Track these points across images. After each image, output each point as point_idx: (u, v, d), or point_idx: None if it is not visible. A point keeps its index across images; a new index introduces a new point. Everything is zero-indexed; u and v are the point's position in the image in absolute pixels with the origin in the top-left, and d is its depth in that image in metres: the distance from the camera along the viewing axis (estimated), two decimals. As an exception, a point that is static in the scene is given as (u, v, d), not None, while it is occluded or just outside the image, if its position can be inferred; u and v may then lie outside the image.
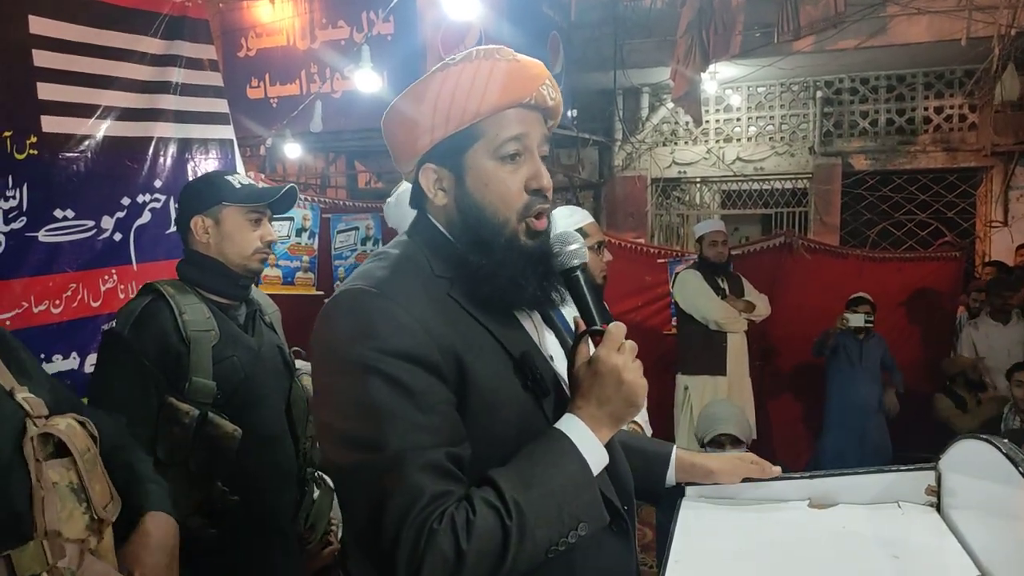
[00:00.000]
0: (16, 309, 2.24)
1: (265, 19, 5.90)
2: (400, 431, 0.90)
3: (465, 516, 0.88)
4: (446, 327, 0.96)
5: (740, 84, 7.38)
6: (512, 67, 1.02)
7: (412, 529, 0.86)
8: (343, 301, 0.98)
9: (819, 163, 7.36)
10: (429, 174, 1.05)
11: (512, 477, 0.93)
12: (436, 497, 0.88)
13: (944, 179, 7.17)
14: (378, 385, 0.90)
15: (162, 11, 2.71)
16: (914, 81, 7.14)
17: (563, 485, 0.94)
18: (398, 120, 1.06)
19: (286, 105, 5.67)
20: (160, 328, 1.69)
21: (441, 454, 0.91)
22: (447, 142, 1.02)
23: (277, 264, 4.08)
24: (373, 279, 0.99)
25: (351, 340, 0.93)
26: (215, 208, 1.81)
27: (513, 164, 1.02)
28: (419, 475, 0.88)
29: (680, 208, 8.12)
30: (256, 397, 1.80)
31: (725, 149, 7.65)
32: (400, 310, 0.94)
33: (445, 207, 1.05)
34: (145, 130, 2.66)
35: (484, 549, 0.87)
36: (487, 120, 1.01)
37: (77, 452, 1.18)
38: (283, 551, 1.90)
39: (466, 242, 1.03)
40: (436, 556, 0.86)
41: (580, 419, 0.98)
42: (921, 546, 1.23)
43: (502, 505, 0.90)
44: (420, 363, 0.92)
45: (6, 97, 2.22)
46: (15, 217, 2.24)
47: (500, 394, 0.98)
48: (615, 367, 0.98)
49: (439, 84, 1.02)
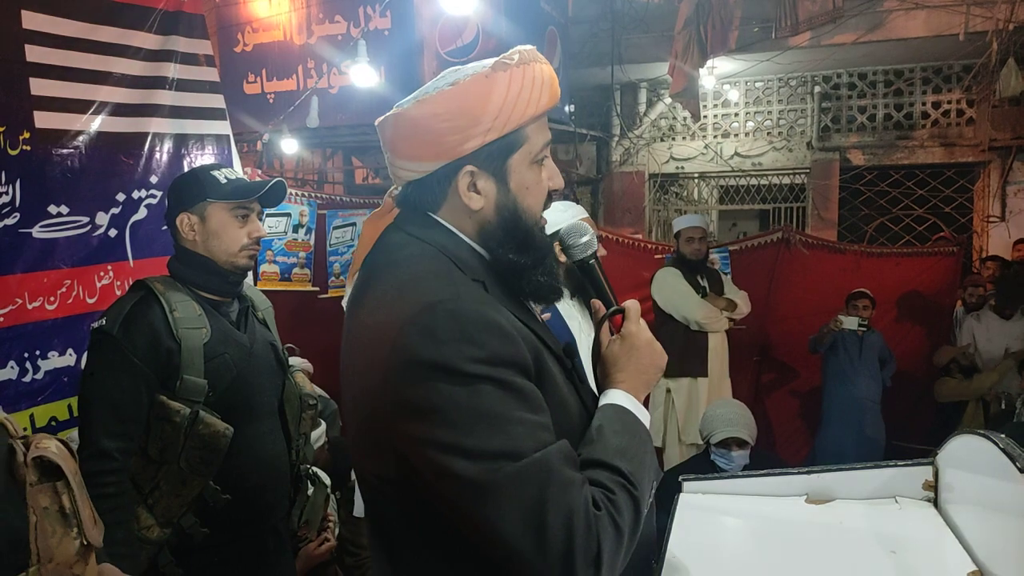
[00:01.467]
0: (10, 306, 2.23)
1: (262, 14, 5.88)
2: (531, 434, 0.90)
3: (605, 496, 0.93)
4: (519, 327, 0.96)
5: (738, 79, 7.37)
6: (550, 71, 1.03)
7: (582, 519, 0.88)
8: (441, 316, 0.91)
9: (817, 158, 7.35)
10: (466, 177, 1.01)
11: (611, 451, 0.97)
12: (583, 483, 0.91)
13: (942, 174, 7.16)
14: (490, 392, 0.89)
15: (157, 6, 2.68)
16: (912, 76, 7.13)
17: (648, 452, 1.02)
18: (446, 117, 0.99)
19: (283, 100, 5.65)
20: (150, 326, 1.67)
21: (565, 444, 0.93)
22: (496, 145, 1.00)
23: (274, 260, 4.06)
24: (448, 293, 0.94)
25: (456, 352, 0.89)
26: (200, 205, 1.78)
27: (540, 167, 1.06)
28: (567, 470, 0.90)
29: (678, 203, 8.11)
30: (248, 395, 1.78)
31: (723, 144, 7.63)
32: (499, 317, 0.93)
33: (480, 210, 1.02)
34: (140, 126, 2.65)
35: (630, 521, 0.94)
36: (531, 125, 1.02)
37: (71, 475, 1.16)
38: (276, 549, 1.89)
39: (504, 243, 1.02)
40: (608, 538, 0.90)
41: (625, 392, 1.06)
42: (918, 540, 1.22)
43: (624, 479, 0.95)
44: (518, 366, 0.93)
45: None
46: (8, 213, 2.22)
47: (562, 385, 1.03)
48: (647, 339, 1.07)
49: (504, 84, 0.98)
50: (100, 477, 1.59)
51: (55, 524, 1.13)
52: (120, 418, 1.64)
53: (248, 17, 5.90)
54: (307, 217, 4.22)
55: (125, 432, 1.65)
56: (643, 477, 0.97)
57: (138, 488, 1.67)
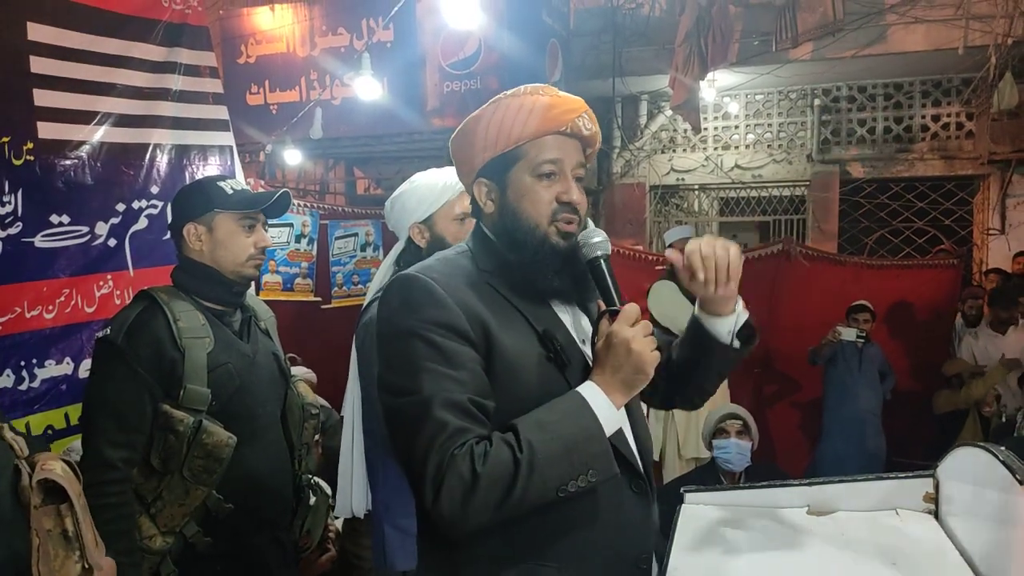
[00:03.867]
0: (9, 314, 2.24)
1: (265, 26, 5.92)
2: (431, 380, 1.09)
3: (484, 448, 1.06)
4: (478, 304, 1.16)
5: (738, 92, 7.40)
6: (552, 101, 1.21)
7: (437, 454, 1.06)
8: (395, 283, 1.19)
9: (817, 171, 7.37)
10: (481, 187, 1.26)
11: (529, 423, 1.10)
12: (458, 430, 1.07)
13: (941, 187, 7.18)
14: (418, 346, 1.11)
15: (161, 18, 2.71)
16: (911, 89, 7.16)
17: (573, 434, 1.10)
18: (460, 141, 1.28)
19: (286, 112, 5.68)
20: (154, 335, 1.68)
21: (465, 398, 1.09)
22: (496, 161, 1.22)
23: (277, 270, 4.07)
24: (421, 267, 1.21)
25: (400, 312, 1.15)
26: (208, 215, 1.80)
27: (548, 181, 1.21)
28: (444, 412, 1.07)
29: (679, 215, 8.13)
30: (251, 404, 1.79)
31: (723, 156, 7.66)
32: (434, 286, 1.15)
33: (492, 214, 1.25)
34: (142, 136, 2.66)
35: (496, 475, 1.05)
36: (528, 144, 1.20)
37: (75, 497, 1.16)
38: (279, 559, 1.89)
39: (505, 242, 1.22)
40: (454, 476, 1.05)
41: (595, 384, 1.15)
42: (919, 553, 1.23)
43: (516, 442, 1.07)
44: (452, 330, 1.12)
45: (3, 104, 2.22)
46: (11, 223, 2.24)
47: (523, 360, 1.16)
48: (625, 339, 1.13)
49: (491, 113, 1.22)
50: (103, 487, 1.59)
51: (57, 547, 1.13)
52: (124, 428, 1.65)
53: (252, 29, 5.95)
54: (309, 227, 4.24)
55: (129, 442, 1.65)
56: (548, 451, 1.07)
57: (141, 498, 1.67)
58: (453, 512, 1.05)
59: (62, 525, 1.14)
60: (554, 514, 1.13)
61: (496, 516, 1.06)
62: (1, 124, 2.21)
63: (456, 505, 1.05)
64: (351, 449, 1.98)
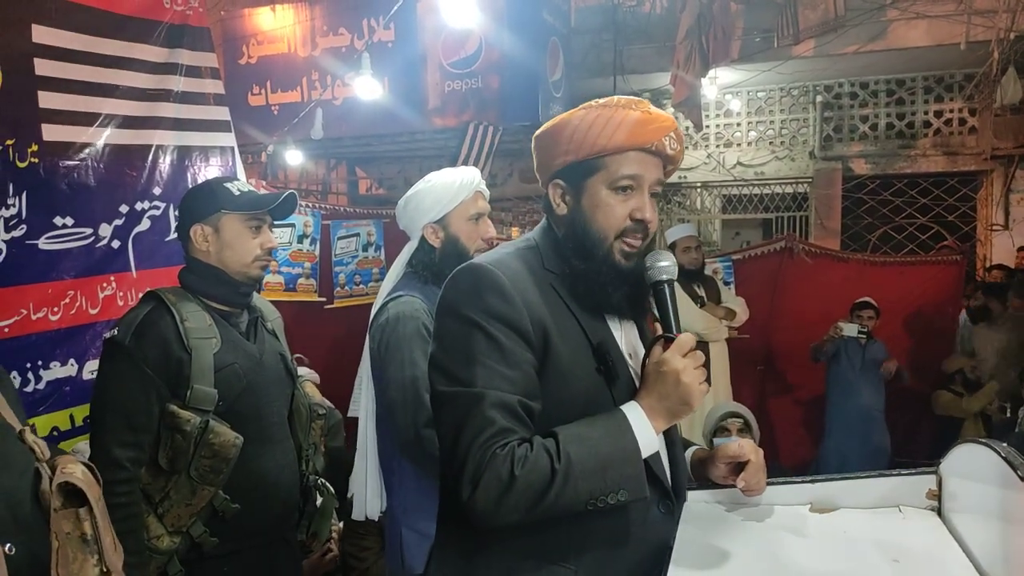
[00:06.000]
0: (15, 316, 2.24)
1: (266, 26, 5.93)
2: (486, 374, 1.12)
3: (524, 452, 1.09)
4: (541, 306, 1.18)
5: (740, 89, 7.40)
6: (643, 118, 1.21)
7: (480, 451, 1.08)
8: (466, 270, 1.21)
9: (819, 167, 7.37)
10: (556, 188, 1.27)
11: (570, 434, 1.12)
12: (503, 430, 1.10)
13: (945, 183, 7.17)
14: (479, 338, 1.14)
15: (163, 19, 2.71)
16: (914, 85, 7.15)
17: (611, 452, 1.12)
18: (545, 138, 1.28)
19: (287, 112, 5.69)
20: (161, 336, 1.69)
21: (515, 399, 1.12)
22: (575, 166, 1.23)
23: (279, 271, 4.08)
24: (492, 259, 1.23)
25: (467, 299, 1.17)
26: (214, 216, 1.81)
27: (624, 195, 1.22)
28: (493, 410, 1.10)
29: (681, 213, 8.13)
30: (258, 404, 1.80)
31: (725, 154, 7.66)
32: (506, 283, 1.16)
33: (563, 217, 1.27)
34: (144, 138, 2.66)
35: (532, 480, 1.07)
36: (610, 156, 1.21)
37: (94, 501, 1.17)
38: (286, 559, 1.90)
39: (572, 248, 1.24)
40: (493, 475, 1.07)
41: (640, 406, 1.16)
42: (921, 550, 1.23)
43: (555, 451, 1.09)
44: (514, 328, 1.14)
45: (8, 106, 2.23)
46: (15, 225, 2.24)
47: (575, 369, 1.18)
48: (676, 369, 1.15)
49: (580, 119, 1.23)
50: (111, 487, 1.59)
51: (76, 550, 1.13)
52: (131, 428, 1.66)
53: (253, 30, 5.96)
54: (311, 228, 4.24)
55: (136, 442, 1.66)
56: (584, 465, 1.09)
57: (148, 497, 1.68)
58: (486, 508, 1.08)
59: (81, 529, 1.15)
60: (580, 522, 1.15)
61: (526, 517, 1.10)
62: (6, 126, 2.22)
63: (490, 502, 1.08)
64: (366, 452, 1.98)
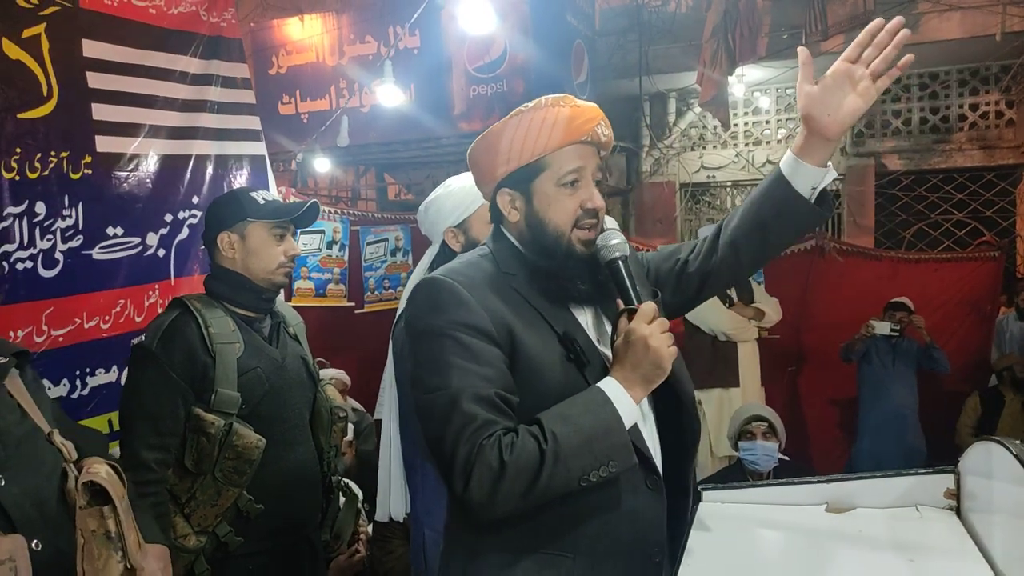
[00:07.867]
0: (70, 325, 2.31)
1: (295, 37, 6.03)
2: (460, 375, 1.15)
3: (510, 439, 1.12)
4: (502, 307, 1.22)
5: (768, 86, 7.31)
6: (573, 113, 1.26)
7: (466, 445, 1.11)
8: (421, 286, 1.25)
9: (851, 164, 7.25)
10: (505, 196, 1.30)
11: (552, 415, 1.16)
12: (487, 422, 1.13)
13: (981, 177, 7.00)
14: (446, 345, 1.18)
15: (200, 31, 2.78)
16: (948, 78, 7.00)
17: (594, 424, 1.15)
18: (481, 151, 1.32)
19: (317, 120, 5.78)
20: (187, 341, 1.74)
21: (492, 392, 1.15)
22: (519, 172, 1.27)
23: (309, 276, 4.15)
24: (446, 270, 1.27)
25: (428, 313, 1.22)
26: (241, 224, 1.86)
27: (572, 188, 1.26)
28: (473, 405, 1.13)
29: (710, 213, 8.05)
30: (280, 407, 1.84)
31: (754, 152, 7.57)
32: (460, 290, 1.21)
33: (517, 223, 1.30)
34: (185, 148, 2.74)
35: (523, 464, 1.10)
36: (552, 155, 1.25)
37: (117, 499, 1.21)
38: (310, 558, 1.94)
39: (533, 249, 1.28)
40: (483, 465, 1.10)
41: (615, 379, 1.19)
42: (939, 549, 1.22)
43: (541, 433, 1.13)
44: (477, 330, 1.18)
45: (63, 119, 2.29)
46: (72, 236, 2.32)
47: (545, 360, 1.22)
48: (643, 336, 1.17)
49: (514, 126, 1.26)
50: (140, 488, 1.65)
51: (101, 547, 1.18)
52: (159, 431, 1.71)
53: (282, 40, 6.06)
54: (340, 234, 4.31)
55: (163, 444, 1.72)
56: (571, 442, 1.12)
57: (175, 498, 1.74)
58: (482, 499, 1.11)
59: (105, 526, 1.19)
60: (571, 506, 1.19)
61: (523, 503, 1.12)
62: (61, 139, 2.28)
63: (485, 493, 1.10)
64: (389, 453, 2.02)
